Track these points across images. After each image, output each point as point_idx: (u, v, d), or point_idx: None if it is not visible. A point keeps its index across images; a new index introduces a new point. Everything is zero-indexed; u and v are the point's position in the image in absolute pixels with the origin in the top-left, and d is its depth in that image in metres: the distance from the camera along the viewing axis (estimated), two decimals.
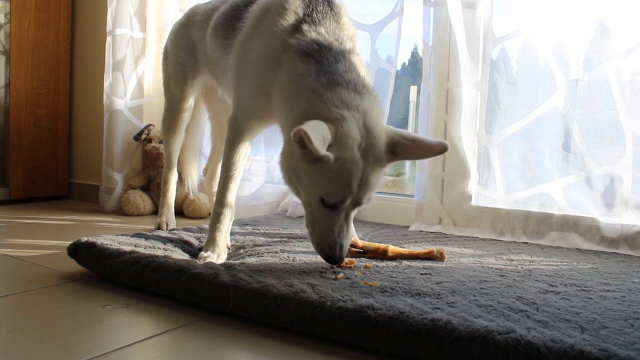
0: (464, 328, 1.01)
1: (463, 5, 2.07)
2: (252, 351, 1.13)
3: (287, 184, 1.45)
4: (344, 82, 1.36)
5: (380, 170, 1.37)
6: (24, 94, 2.96)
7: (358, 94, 1.35)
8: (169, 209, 2.26)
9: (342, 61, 1.41)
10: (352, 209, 1.38)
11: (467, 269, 1.53)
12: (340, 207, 1.34)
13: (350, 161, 1.28)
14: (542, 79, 2.00)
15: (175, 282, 1.34)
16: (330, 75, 1.37)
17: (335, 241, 1.36)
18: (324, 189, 1.31)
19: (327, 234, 1.36)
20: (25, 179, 2.98)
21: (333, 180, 1.30)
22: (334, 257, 1.37)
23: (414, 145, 1.38)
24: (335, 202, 1.32)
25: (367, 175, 1.32)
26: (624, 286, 1.38)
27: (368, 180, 1.33)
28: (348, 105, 1.32)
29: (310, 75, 1.38)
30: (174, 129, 2.18)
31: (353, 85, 1.36)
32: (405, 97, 2.60)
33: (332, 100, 1.32)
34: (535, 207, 2.03)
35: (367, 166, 1.31)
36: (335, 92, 1.33)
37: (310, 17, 1.49)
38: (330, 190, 1.31)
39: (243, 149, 1.66)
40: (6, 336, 1.13)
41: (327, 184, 1.31)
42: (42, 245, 1.97)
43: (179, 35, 2.14)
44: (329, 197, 1.32)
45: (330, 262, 1.40)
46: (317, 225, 1.38)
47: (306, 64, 1.41)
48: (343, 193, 1.31)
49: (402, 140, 1.37)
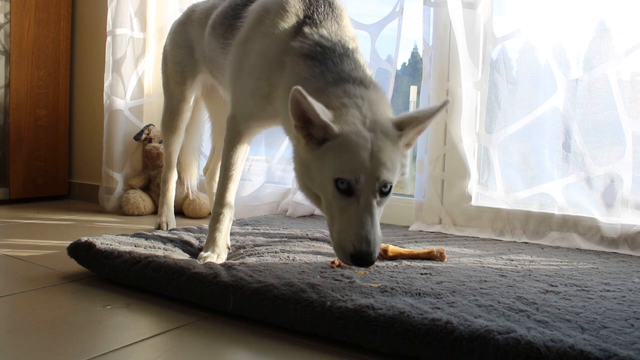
0: (464, 328, 1.01)
1: (463, 5, 2.07)
2: (252, 351, 1.13)
3: (304, 192, 1.37)
4: (351, 78, 1.33)
5: (392, 145, 1.25)
6: (24, 94, 2.96)
7: (364, 87, 1.32)
8: (168, 209, 2.26)
9: (347, 61, 1.39)
10: (372, 195, 1.21)
11: (467, 269, 1.53)
12: (357, 190, 1.20)
13: (355, 133, 1.21)
14: (542, 79, 2.01)
15: (175, 282, 1.34)
16: (337, 74, 1.35)
17: (359, 234, 1.17)
18: (334, 168, 1.21)
19: (348, 228, 1.19)
20: (25, 179, 2.99)
21: (341, 155, 1.21)
22: (360, 254, 1.17)
23: (418, 113, 1.31)
24: (349, 180, 1.20)
25: (377, 147, 1.22)
26: (624, 286, 1.38)
27: (380, 152, 1.22)
28: (351, 95, 1.29)
29: (315, 77, 1.36)
30: (174, 129, 2.18)
31: (360, 81, 1.33)
32: (405, 97, 2.60)
33: (336, 92, 1.30)
34: (536, 207, 2.03)
35: (376, 139, 1.23)
36: (340, 87, 1.31)
37: (311, 18, 1.48)
38: (341, 167, 1.21)
39: (242, 149, 1.65)
40: (6, 336, 1.13)
41: (336, 161, 1.21)
42: (42, 245, 1.97)
43: (177, 35, 2.13)
44: (341, 173, 1.20)
45: (357, 263, 1.19)
46: (336, 222, 1.23)
47: (310, 67, 1.39)
48: (354, 166, 1.20)
49: (406, 115, 1.31)
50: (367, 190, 1.21)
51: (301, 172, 1.33)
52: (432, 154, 2.18)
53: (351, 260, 1.19)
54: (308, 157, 1.27)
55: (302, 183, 1.35)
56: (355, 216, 1.20)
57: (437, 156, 2.18)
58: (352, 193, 1.21)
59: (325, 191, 1.26)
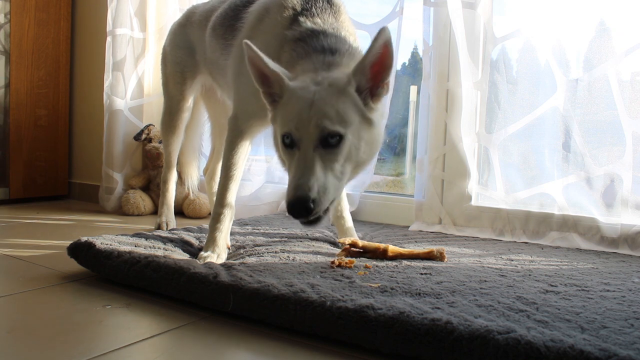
0: (464, 328, 1.01)
1: (463, 5, 2.07)
2: (252, 351, 1.13)
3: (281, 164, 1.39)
4: (324, 50, 1.37)
5: (338, 94, 1.23)
6: (24, 94, 2.96)
7: (338, 55, 1.35)
8: (168, 209, 2.26)
9: (332, 39, 1.41)
10: (311, 144, 1.20)
11: (467, 269, 1.53)
12: (298, 142, 1.21)
13: (301, 88, 1.26)
14: (542, 79, 2.00)
15: (175, 282, 1.34)
16: (314, 48, 1.39)
17: (292, 184, 1.17)
18: (280, 123, 1.27)
19: (290, 180, 1.19)
20: (25, 178, 2.99)
21: (285, 109, 1.26)
22: (292, 202, 1.14)
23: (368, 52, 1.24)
24: (290, 132, 1.21)
25: (318, 96, 1.21)
26: (624, 286, 1.38)
27: (320, 101, 1.21)
28: (316, 62, 1.33)
29: (300, 57, 1.40)
30: (173, 129, 2.18)
31: (334, 50, 1.36)
32: (405, 97, 2.60)
33: (304, 64, 1.35)
34: (535, 207, 2.03)
35: (320, 90, 1.23)
36: (310, 59, 1.36)
37: (308, 11, 1.50)
38: (283, 120, 1.26)
39: (243, 149, 1.65)
40: (6, 336, 1.13)
41: (281, 117, 1.27)
42: (42, 245, 1.97)
43: (177, 36, 2.14)
44: (282, 127, 1.24)
45: (293, 212, 1.16)
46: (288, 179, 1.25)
47: (298, 48, 1.43)
48: (291, 117, 1.22)
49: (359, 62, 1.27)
50: (307, 140, 1.20)
51: (275, 144, 1.36)
52: (432, 154, 2.18)
53: (289, 211, 1.17)
54: (272, 123, 1.32)
55: (277, 155, 1.39)
56: (295, 166, 1.19)
57: (437, 156, 2.18)
58: (294, 146, 1.22)
59: (279, 151, 1.29)
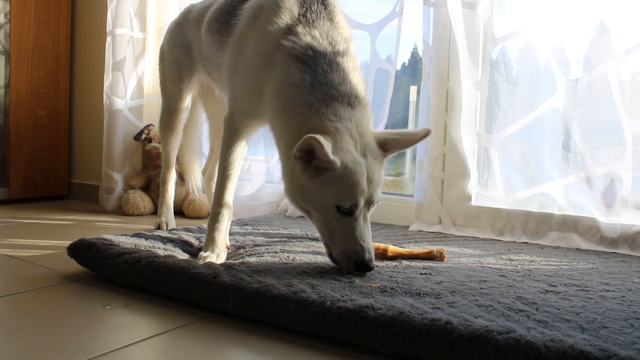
0: (464, 328, 1.01)
1: (463, 5, 2.07)
2: (252, 351, 1.13)
3: (292, 202, 1.48)
4: (339, 95, 1.42)
5: (380, 166, 1.43)
6: (24, 94, 2.96)
7: (350, 107, 1.42)
8: (168, 209, 2.26)
9: (336, 71, 1.45)
10: (367, 211, 1.40)
11: (467, 269, 1.53)
12: (356, 211, 1.36)
13: (353, 162, 1.35)
14: (542, 79, 2.00)
15: (175, 282, 1.34)
16: (326, 88, 1.42)
17: (362, 246, 1.36)
18: (337, 196, 1.34)
19: (352, 241, 1.36)
20: (25, 179, 2.99)
21: (343, 184, 1.34)
22: (364, 262, 1.35)
23: (400, 137, 1.47)
24: (350, 205, 1.35)
25: (371, 171, 1.38)
26: (624, 286, 1.38)
27: (374, 176, 1.38)
28: (342, 118, 1.39)
29: (306, 87, 1.42)
30: (172, 129, 2.18)
31: (347, 99, 1.42)
32: (405, 97, 2.60)
33: (327, 115, 1.38)
34: (535, 207, 2.03)
35: (369, 163, 1.38)
36: (330, 107, 1.40)
37: (304, 17, 1.50)
38: (343, 195, 1.34)
39: (239, 149, 1.66)
40: (6, 336, 1.13)
41: (338, 190, 1.34)
42: (42, 245, 1.97)
43: (174, 35, 2.14)
44: (343, 202, 1.34)
45: (361, 269, 1.37)
46: (337, 236, 1.38)
47: (301, 72, 1.43)
48: (356, 193, 1.34)
49: (389, 137, 1.46)
50: (365, 209, 1.39)
51: (292, 189, 1.43)
52: (432, 154, 2.18)
53: (356, 268, 1.36)
54: (307, 184, 1.37)
55: (291, 197, 1.45)
56: (357, 231, 1.37)
57: (437, 156, 2.18)
58: (352, 214, 1.36)
59: (323, 212, 1.38)
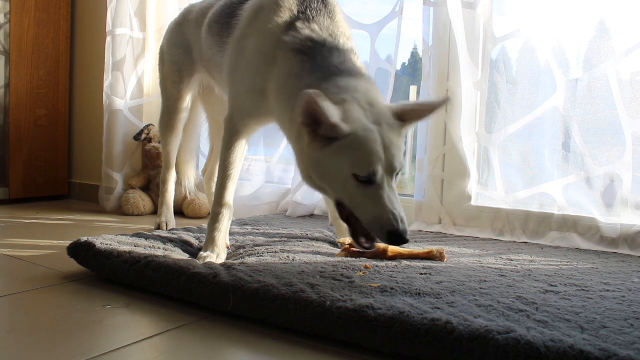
0: (464, 328, 1.01)
1: (463, 5, 2.07)
2: (252, 351, 1.13)
3: (309, 184, 1.40)
4: (339, 71, 1.37)
5: (397, 134, 1.32)
6: (24, 94, 2.96)
7: (354, 78, 1.36)
8: (168, 209, 2.26)
9: (336, 54, 1.42)
10: (391, 181, 1.29)
11: (467, 269, 1.53)
12: (377, 179, 1.26)
13: (363, 129, 1.26)
14: (542, 79, 2.01)
15: (175, 282, 1.34)
16: (326, 68, 1.38)
17: (394, 214, 1.24)
18: (352, 164, 1.25)
19: (380, 209, 1.24)
20: (25, 179, 2.98)
21: (355, 152, 1.25)
22: (398, 231, 1.23)
23: (419, 107, 1.39)
24: (368, 173, 1.25)
25: (388, 138, 1.28)
26: (624, 286, 1.38)
27: (391, 143, 1.28)
28: (346, 89, 1.33)
29: (306, 73, 1.39)
30: (172, 129, 2.18)
31: (348, 73, 1.37)
32: (405, 97, 2.60)
33: (329, 89, 1.32)
34: (535, 207, 2.03)
35: (384, 131, 1.28)
36: (331, 82, 1.34)
37: (304, 14, 1.50)
38: (358, 163, 1.25)
39: (240, 148, 1.66)
40: (6, 336, 1.13)
41: (351, 159, 1.25)
42: (42, 245, 1.96)
43: (174, 35, 2.14)
44: (360, 169, 1.25)
45: (397, 239, 1.24)
46: (362, 208, 1.27)
47: (301, 62, 1.42)
48: (372, 161, 1.25)
49: (407, 107, 1.37)
50: (388, 179, 1.28)
51: (306, 167, 1.35)
52: (432, 154, 2.18)
53: (389, 239, 1.25)
54: (317, 155, 1.29)
55: (307, 177, 1.38)
56: (384, 198, 1.26)
57: (437, 156, 2.18)
58: (373, 182, 1.27)
59: (342, 185, 1.29)
